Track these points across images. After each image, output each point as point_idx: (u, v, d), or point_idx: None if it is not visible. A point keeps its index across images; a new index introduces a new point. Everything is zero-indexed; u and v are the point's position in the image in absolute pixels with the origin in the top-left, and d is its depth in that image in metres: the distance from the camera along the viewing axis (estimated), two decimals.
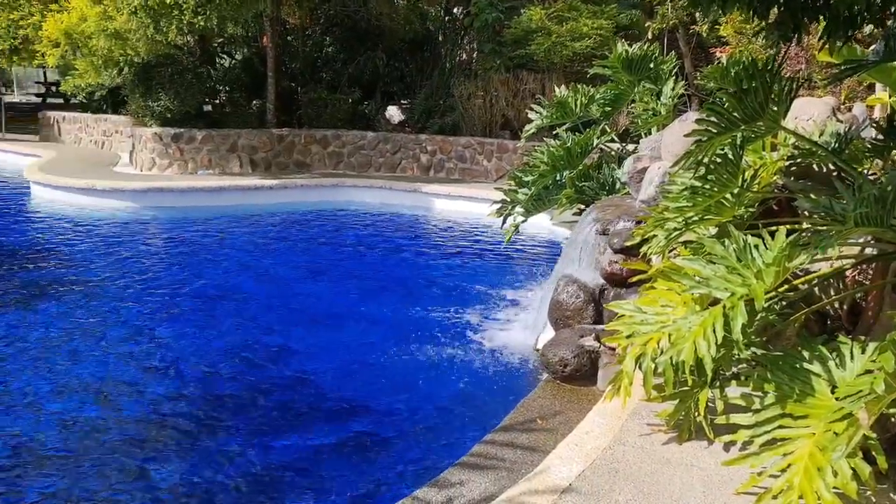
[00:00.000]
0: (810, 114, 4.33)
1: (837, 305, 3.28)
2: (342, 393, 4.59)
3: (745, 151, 3.31)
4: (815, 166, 3.66)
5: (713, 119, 2.96)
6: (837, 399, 2.37)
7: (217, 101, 13.77)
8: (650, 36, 11.94)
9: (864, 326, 3.00)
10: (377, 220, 10.23)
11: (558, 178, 6.48)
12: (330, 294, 6.79)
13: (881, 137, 3.51)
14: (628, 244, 4.19)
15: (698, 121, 3.02)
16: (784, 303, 3.01)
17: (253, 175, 11.82)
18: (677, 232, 3.28)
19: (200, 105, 12.62)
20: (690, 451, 2.79)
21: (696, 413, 2.84)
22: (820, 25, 3.14)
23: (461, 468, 3.14)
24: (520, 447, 3.32)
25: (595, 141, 6.49)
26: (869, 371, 2.40)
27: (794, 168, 3.69)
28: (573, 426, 3.28)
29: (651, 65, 6.54)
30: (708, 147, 3.01)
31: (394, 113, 14.41)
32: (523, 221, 6.81)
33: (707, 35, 11.84)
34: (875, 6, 2.90)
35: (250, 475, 3.60)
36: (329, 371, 4.94)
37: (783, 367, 2.58)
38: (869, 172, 3.71)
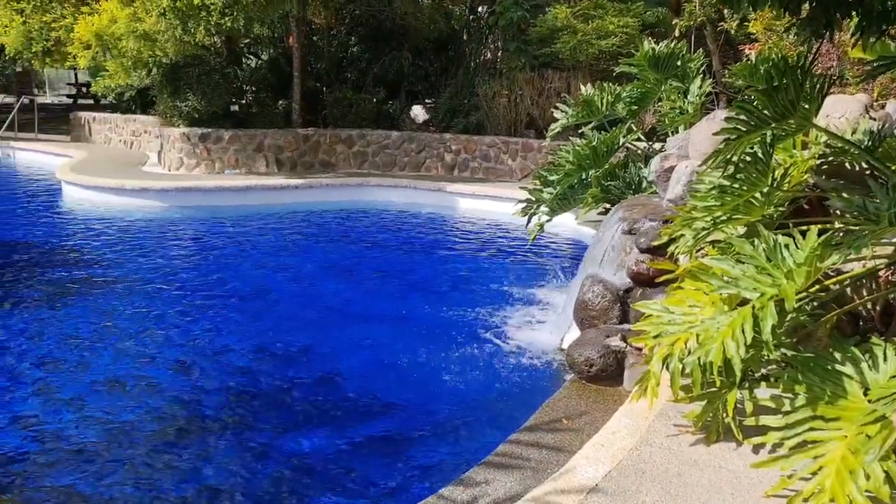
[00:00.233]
0: (842, 111, 4.25)
1: (870, 306, 3.22)
2: (367, 391, 4.61)
3: (776, 150, 3.26)
4: (848, 165, 3.60)
5: (743, 117, 2.92)
6: (870, 401, 2.33)
7: (244, 102, 13.90)
8: (677, 33, 11.82)
9: None
10: (402, 220, 10.26)
11: (584, 178, 6.45)
12: (355, 293, 6.82)
13: None
14: (655, 244, 4.15)
15: (727, 119, 2.99)
16: (815, 303, 2.97)
17: (279, 175, 11.92)
18: (705, 231, 3.24)
19: (227, 105, 12.74)
20: (718, 453, 2.76)
21: (725, 414, 2.81)
22: (852, 21, 3.08)
23: (486, 467, 3.14)
24: (545, 447, 3.31)
25: (621, 139, 6.45)
26: None
27: (826, 166, 3.63)
28: (599, 426, 3.26)
29: (678, 62, 6.49)
30: (737, 145, 2.98)
31: (418, 112, 14.44)
32: (548, 221, 6.78)
33: (735, 32, 11.68)
34: None
35: (277, 472, 3.63)
36: (354, 369, 4.97)
37: (814, 369, 2.54)
38: None
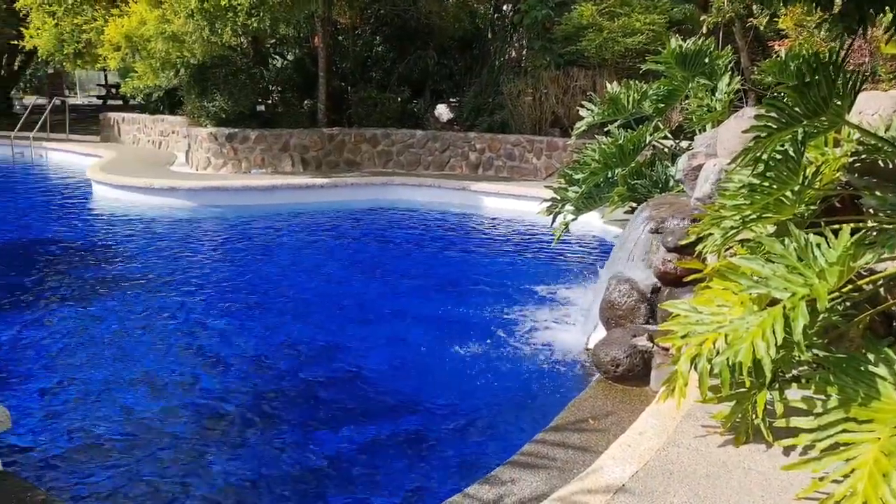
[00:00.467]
0: (875, 108, 4.17)
1: None
2: (393, 389, 4.63)
3: (807, 147, 3.21)
4: (881, 162, 3.53)
5: (773, 114, 2.88)
6: None
7: (270, 101, 14.02)
8: (705, 30, 11.67)
9: None
10: (426, 219, 10.28)
11: (610, 176, 6.41)
12: (380, 291, 6.85)
13: None
14: (682, 242, 4.11)
15: (757, 116, 2.95)
16: (848, 303, 2.92)
17: (304, 174, 12.00)
18: (734, 230, 3.21)
19: (254, 105, 12.87)
20: (748, 455, 2.73)
21: (754, 415, 2.78)
22: (886, 17, 3.03)
23: (512, 466, 3.13)
24: (571, 447, 3.30)
25: (648, 138, 6.40)
26: None
27: (859, 164, 3.56)
28: (625, 427, 3.24)
29: (706, 60, 6.41)
30: (768, 143, 2.94)
31: (443, 111, 14.45)
32: (573, 220, 6.75)
33: (765, 28, 11.52)
34: None
35: (303, 468, 3.67)
36: (379, 367, 4.99)
37: (847, 370, 2.50)
38: None
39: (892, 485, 2.09)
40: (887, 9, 2.94)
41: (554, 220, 6.79)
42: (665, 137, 6.84)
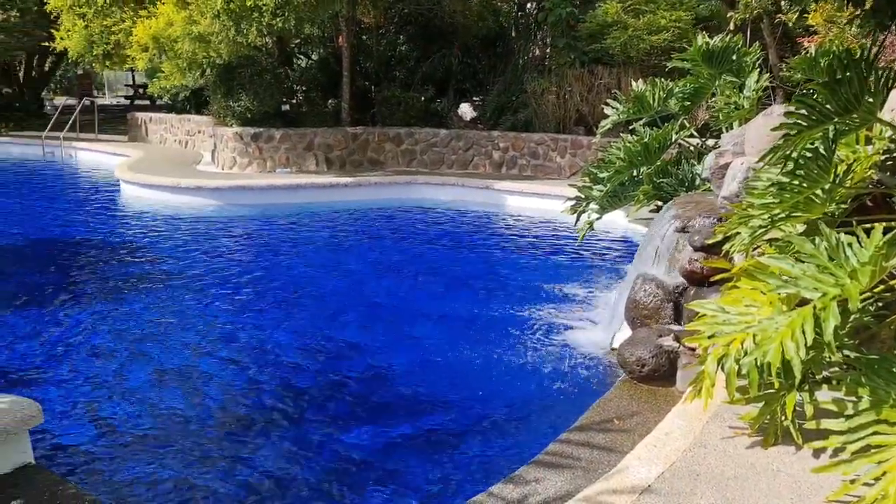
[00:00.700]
0: None
1: None
2: (417, 388, 4.64)
3: (838, 145, 3.16)
4: None
5: (803, 112, 2.84)
6: None
7: (294, 101, 14.12)
8: (732, 27, 11.52)
9: None
10: (450, 218, 10.28)
11: (635, 175, 6.36)
12: (404, 290, 6.86)
13: None
14: (709, 242, 4.06)
15: (787, 114, 2.91)
16: (880, 304, 2.87)
17: (328, 173, 12.07)
18: (762, 229, 3.16)
19: (279, 105, 12.97)
20: (776, 457, 2.69)
21: (783, 417, 2.74)
22: None
23: (536, 466, 3.12)
24: (596, 447, 3.28)
25: (674, 136, 6.33)
26: None
27: (891, 162, 3.50)
28: (651, 427, 3.22)
29: (733, 57, 6.33)
30: (797, 141, 2.90)
31: (466, 110, 14.44)
32: (598, 219, 6.71)
33: (793, 24, 11.35)
34: None
35: (327, 465, 3.69)
36: (404, 366, 5.00)
37: (879, 371, 2.45)
38: None
39: None
40: None
41: (578, 219, 6.75)
42: (691, 136, 6.76)
